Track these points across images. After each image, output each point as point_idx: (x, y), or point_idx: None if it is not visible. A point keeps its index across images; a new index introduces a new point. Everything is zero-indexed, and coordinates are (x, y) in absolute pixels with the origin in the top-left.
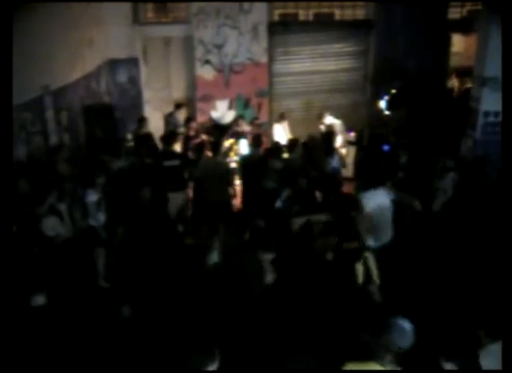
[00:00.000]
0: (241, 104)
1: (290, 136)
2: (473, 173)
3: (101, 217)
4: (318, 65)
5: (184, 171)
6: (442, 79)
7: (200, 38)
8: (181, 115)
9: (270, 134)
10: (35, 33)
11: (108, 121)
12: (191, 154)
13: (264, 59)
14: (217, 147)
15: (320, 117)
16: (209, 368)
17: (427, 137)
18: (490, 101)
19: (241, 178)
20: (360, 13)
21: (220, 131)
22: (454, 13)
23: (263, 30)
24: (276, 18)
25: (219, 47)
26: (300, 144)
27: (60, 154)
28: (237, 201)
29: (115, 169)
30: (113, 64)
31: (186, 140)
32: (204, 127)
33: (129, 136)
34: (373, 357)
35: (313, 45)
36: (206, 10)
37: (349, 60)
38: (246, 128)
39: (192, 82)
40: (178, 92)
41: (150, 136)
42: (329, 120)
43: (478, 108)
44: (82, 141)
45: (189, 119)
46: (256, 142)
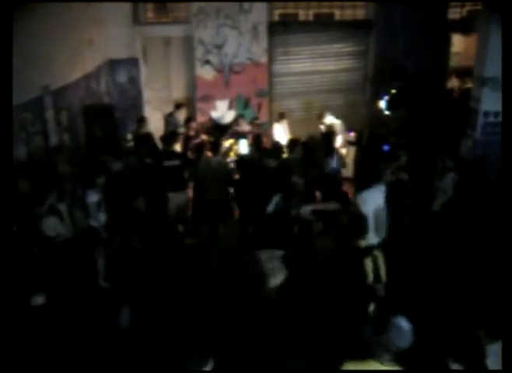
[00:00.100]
0: (241, 104)
1: (290, 136)
2: (473, 173)
3: (101, 217)
4: (318, 65)
5: (184, 171)
6: (442, 79)
7: (200, 38)
8: (181, 115)
9: (270, 134)
10: (35, 33)
11: (108, 121)
12: (191, 154)
13: (264, 59)
14: (217, 147)
15: (320, 117)
16: (204, 368)
17: (427, 137)
18: (490, 101)
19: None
20: (360, 13)
21: (220, 131)
22: (454, 13)
23: (263, 30)
24: (276, 18)
25: (219, 47)
26: (300, 144)
27: (60, 154)
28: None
29: (114, 171)
30: (113, 64)
31: (186, 140)
32: (204, 127)
33: (129, 136)
34: (373, 356)
35: (313, 45)
36: (206, 10)
37: (349, 60)
38: (246, 128)
39: (192, 82)
40: (178, 92)
41: (150, 136)
42: (329, 120)
43: (478, 108)
44: (82, 141)
45: (189, 119)
46: (256, 142)
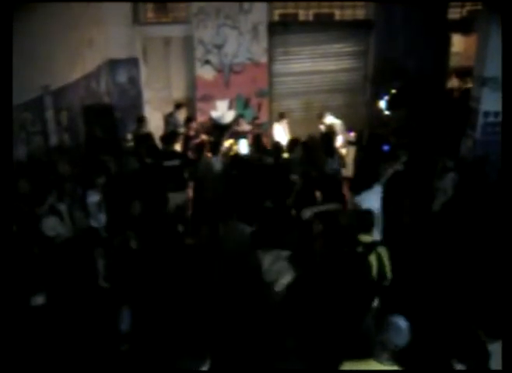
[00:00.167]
0: (241, 104)
1: (290, 136)
2: (473, 173)
3: (102, 217)
4: (318, 65)
5: (184, 171)
6: (442, 79)
7: (200, 38)
8: (181, 115)
9: (270, 134)
10: (35, 33)
11: (108, 121)
12: (191, 154)
13: (264, 59)
14: (217, 147)
15: (320, 117)
16: (200, 368)
17: (427, 137)
18: (490, 101)
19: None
20: (360, 13)
21: (220, 131)
22: (454, 13)
23: (263, 30)
24: (276, 18)
25: (219, 47)
26: (300, 144)
27: (60, 154)
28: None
29: (113, 172)
30: (113, 64)
31: (186, 140)
32: (204, 127)
33: (129, 136)
34: (371, 355)
35: (313, 45)
36: (206, 10)
37: (349, 60)
38: (246, 128)
39: (192, 82)
40: (178, 92)
41: (150, 136)
42: (329, 120)
43: (478, 108)
44: (82, 141)
45: (189, 119)
46: (256, 142)
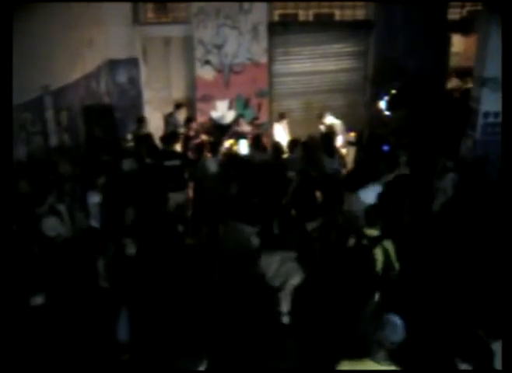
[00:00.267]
0: (241, 104)
1: (290, 136)
2: (473, 173)
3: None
4: (318, 65)
5: (184, 171)
6: (442, 79)
7: (200, 38)
8: (181, 115)
9: (270, 134)
10: (35, 33)
11: (108, 121)
12: (191, 154)
13: (264, 59)
14: (217, 147)
15: (320, 117)
16: (197, 368)
17: (427, 137)
18: (490, 101)
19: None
20: (360, 13)
21: (220, 131)
22: (454, 13)
23: (263, 30)
24: (276, 18)
25: (219, 47)
26: (300, 144)
27: (60, 154)
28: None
29: (112, 173)
30: (113, 65)
31: (186, 140)
32: (204, 127)
33: (129, 136)
34: (368, 354)
35: (313, 45)
36: (206, 10)
37: (349, 60)
38: (246, 128)
39: (192, 82)
40: (178, 92)
41: (150, 136)
42: (329, 120)
43: (478, 108)
44: (82, 141)
45: (189, 119)
46: (256, 142)
